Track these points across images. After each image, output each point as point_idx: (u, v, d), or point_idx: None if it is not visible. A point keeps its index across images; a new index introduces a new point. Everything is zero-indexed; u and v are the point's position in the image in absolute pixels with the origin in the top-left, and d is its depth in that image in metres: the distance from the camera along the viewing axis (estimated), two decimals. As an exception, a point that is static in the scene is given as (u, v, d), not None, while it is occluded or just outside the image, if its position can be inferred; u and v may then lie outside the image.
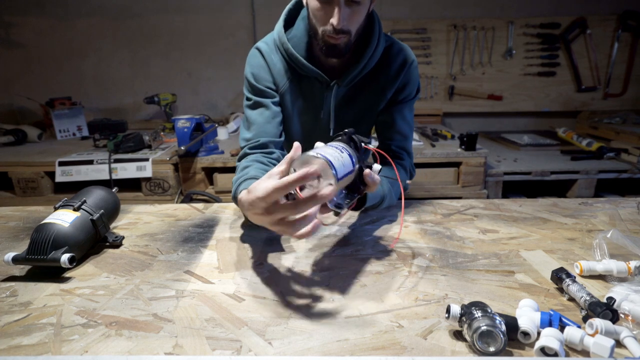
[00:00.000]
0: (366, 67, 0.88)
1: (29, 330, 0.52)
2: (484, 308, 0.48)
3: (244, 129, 0.92)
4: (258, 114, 0.90)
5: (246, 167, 0.81)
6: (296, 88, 0.91)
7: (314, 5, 0.78)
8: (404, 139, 0.96)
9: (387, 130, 0.95)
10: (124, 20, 2.66)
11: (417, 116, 2.68)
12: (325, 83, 0.89)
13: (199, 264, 0.70)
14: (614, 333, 0.47)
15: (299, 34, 0.88)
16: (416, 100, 0.98)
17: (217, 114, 2.79)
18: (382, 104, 0.94)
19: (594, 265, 0.62)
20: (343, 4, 0.75)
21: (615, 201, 0.97)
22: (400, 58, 0.91)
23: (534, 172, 1.89)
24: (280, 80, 0.91)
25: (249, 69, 0.92)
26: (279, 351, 0.48)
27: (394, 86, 0.92)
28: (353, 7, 0.77)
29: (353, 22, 0.79)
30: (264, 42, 0.92)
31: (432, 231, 0.82)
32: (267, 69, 0.90)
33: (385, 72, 0.91)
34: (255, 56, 0.92)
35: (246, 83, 0.93)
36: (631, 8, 2.51)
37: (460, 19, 2.59)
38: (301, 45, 0.87)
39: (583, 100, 2.68)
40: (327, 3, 0.76)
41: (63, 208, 0.72)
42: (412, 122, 0.97)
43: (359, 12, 0.79)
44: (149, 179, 1.85)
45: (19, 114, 2.80)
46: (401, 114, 0.94)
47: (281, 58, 0.90)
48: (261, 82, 0.90)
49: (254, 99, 0.91)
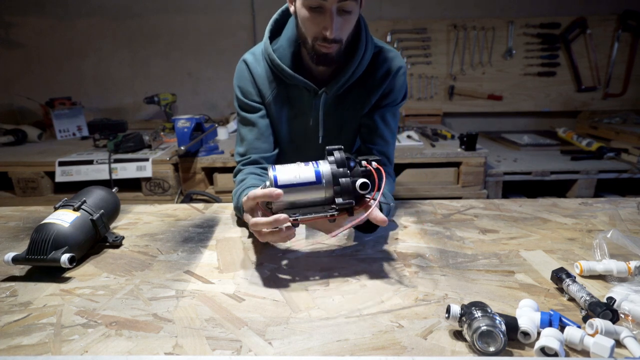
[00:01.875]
0: (354, 74, 0.87)
1: (29, 330, 0.52)
2: (484, 308, 0.48)
3: (238, 143, 0.95)
4: (248, 131, 0.93)
5: (243, 179, 0.85)
6: (283, 96, 0.92)
7: (304, 14, 0.77)
8: (385, 144, 0.95)
9: (369, 134, 0.95)
10: (124, 20, 2.66)
11: (417, 116, 2.68)
12: (314, 91, 0.89)
13: (199, 264, 0.70)
14: (614, 333, 0.47)
15: (285, 44, 0.87)
16: (402, 105, 0.98)
17: (217, 114, 2.79)
18: (366, 108, 0.94)
19: (594, 265, 0.62)
20: (335, 13, 0.75)
21: (615, 201, 0.97)
22: (387, 65, 0.91)
23: (534, 172, 1.89)
24: (265, 90, 0.91)
25: (236, 82, 0.93)
26: (279, 351, 0.48)
27: (379, 91, 0.92)
28: (344, 15, 0.76)
29: (344, 31, 0.79)
30: (250, 53, 0.93)
31: (432, 231, 0.82)
32: (252, 81, 0.91)
33: (372, 78, 0.91)
34: (241, 69, 0.93)
35: (235, 96, 0.95)
36: (631, 8, 2.51)
37: (460, 19, 2.59)
38: (287, 55, 0.87)
39: (583, 100, 2.68)
40: (318, 12, 0.75)
41: (63, 208, 0.72)
42: (394, 129, 0.97)
43: (350, 21, 0.79)
44: (149, 179, 1.85)
45: (19, 114, 2.80)
46: (383, 118, 0.94)
47: (267, 67, 0.90)
48: (248, 97, 0.92)
49: (242, 114, 0.93)
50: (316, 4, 0.74)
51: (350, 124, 0.96)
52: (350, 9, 0.76)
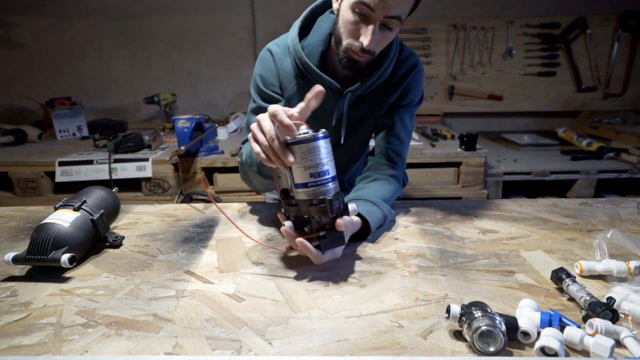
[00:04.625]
0: (381, 77, 0.88)
1: (29, 330, 0.52)
2: (484, 308, 0.48)
3: (246, 131, 0.92)
4: None
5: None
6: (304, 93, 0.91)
7: (347, 17, 0.76)
8: (400, 144, 0.95)
9: (386, 133, 0.95)
10: (124, 20, 2.66)
11: (417, 116, 2.65)
12: (338, 91, 0.88)
13: (199, 264, 0.70)
14: (614, 333, 0.47)
15: (314, 43, 0.87)
16: (418, 107, 0.98)
17: (217, 114, 2.79)
18: (384, 107, 0.94)
19: (594, 265, 0.62)
20: (377, 26, 0.74)
21: (615, 201, 0.97)
22: (407, 64, 0.91)
23: (534, 172, 1.89)
24: (288, 84, 0.90)
25: (259, 71, 0.92)
26: (279, 351, 0.48)
27: (397, 91, 0.92)
28: (385, 31, 0.76)
29: (380, 45, 0.79)
30: (276, 44, 0.92)
31: (432, 231, 0.82)
32: (276, 72, 0.90)
33: (391, 77, 0.91)
34: (266, 58, 0.92)
35: (254, 84, 0.93)
36: (631, 8, 2.51)
37: (460, 19, 2.59)
38: (315, 54, 0.87)
39: (583, 100, 2.68)
40: (363, 20, 0.75)
41: (63, 208, 0.72)
42: (410, 130, 0.97)
43: (389, 38, 0.79)
44: (149, 179, 1.85)
45: (19, 114, 2.80)
46: (401, 118, 0.94)
47: (292, 62, 0.89)
48: (269, 87, 0.91)
49: (259, 103, 0.92)
50: (364, 11, 0.73)
51: (368, 123, 0.96)
52: (393, 27, 0.76)
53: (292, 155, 0.60)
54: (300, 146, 0.60)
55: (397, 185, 0.92)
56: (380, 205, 0.81)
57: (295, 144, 0.60)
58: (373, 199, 0.82)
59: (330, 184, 0.62)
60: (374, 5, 0.71)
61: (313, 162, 0.60)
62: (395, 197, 0.91)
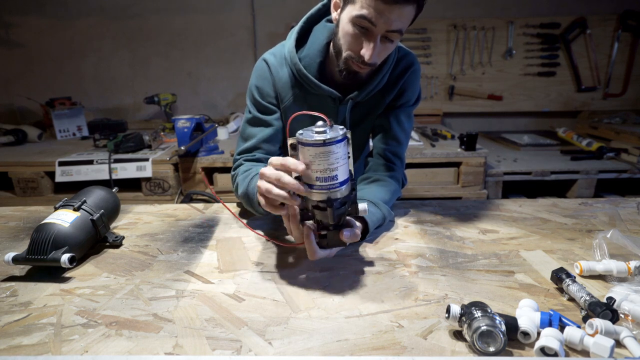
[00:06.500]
0: (380, 83, 0.87)
1: (29, 330, 0.52)
2: (484, 308, 0.48)
3: (241, 141, 0.93)
4: (258, 131, 0.91)
5: (248, 169, 0.84)
6: (301, 103, 0.90)
7: (348, 29, 0.75)
8: (398, 145, 0.95)
9: (383, 134, 0.94)
10: (124, 20, 2.66)
11: (417, 116, 2.67)
12: (338, 99, 0.88)
13: (199, 264, 0.70)
14: (614, 333, 0.47)
15: (312, 54, 0.86)
16: (415, 107, 0.98)
17: (217, 114, 2.79)
18: (381, 108, 0.93)
19: (594, 265, 0.62)
20: (379, 40, 0.74)
21: (615, 201, 0.97)
22: (403, 63, 0.90)
23: (534, 172, 1.89)
24: (284, 94, 0.90)
25: (255, 82, 0.91)
26: (279, 351, 0.48)
27: (393, 91, 0.92)
28: (386, 43, 0.76)
29: (381, 57, 0.79)
30: (271, 54, 0.91)
31: (432, 231, 0.82)
32: (272, 83, 0.90)
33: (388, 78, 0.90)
34: (261, 68, 0.91)
35: (250, 95, 0.93)
36: (631, 8, 2.51)
37: (460, 19, 2.59)
38: (314, 65, 0.86)
39: (583, 100, 2.68)
40: (363, 33, 0.74)
41: (63, 208, 0.72)
42: (408, 130, 0.96)
43: (389, 49, 0.78)
44: (149, 179, 1.85)
45: (19, 114, 2.80)
46: (397, 119, 0.94)
47: (289, 72, 0.89)
48: (265, 98, 0.90)
49: (255, 115, 0.91)
50: (365, 25, 0.72)
51: (365, 124, 0.96)
52: (394, 39, 0.75)
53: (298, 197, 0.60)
54: (309, 148, 0.57)
55: (396, 186, 0.92)
56: (379, 206, 0.81)
57: (306, 145, 0.57)
58: (373, 200, 0.82)
59: (338, 188, 0.58)
60: (375, 20, 0.70)
61: (321, 167, 0.57)
62: (394, 197, 0.90)
